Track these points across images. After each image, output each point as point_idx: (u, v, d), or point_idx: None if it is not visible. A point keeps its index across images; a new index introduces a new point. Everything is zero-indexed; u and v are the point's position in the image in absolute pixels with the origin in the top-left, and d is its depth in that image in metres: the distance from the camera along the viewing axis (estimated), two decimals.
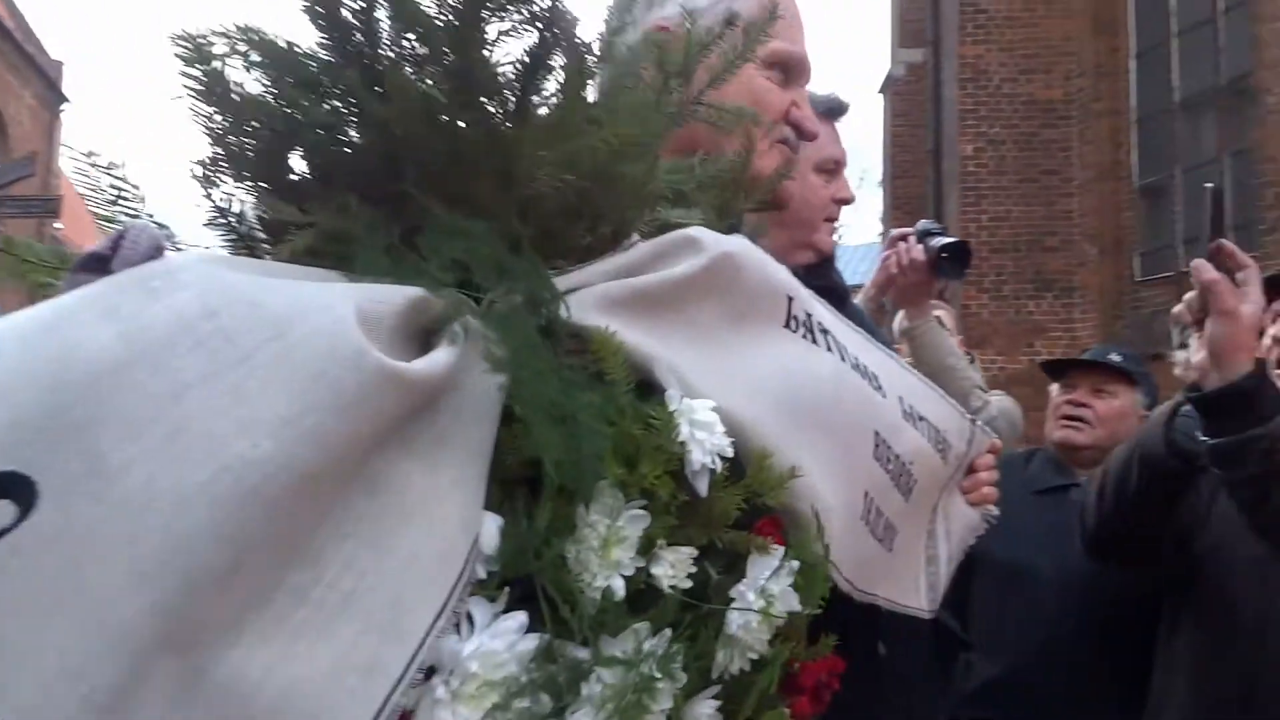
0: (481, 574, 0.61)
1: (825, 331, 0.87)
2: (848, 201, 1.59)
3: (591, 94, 0.72)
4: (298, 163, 0.67)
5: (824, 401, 0.83)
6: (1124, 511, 1.78)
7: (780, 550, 0.70)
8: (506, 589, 0.62)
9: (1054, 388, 2.65)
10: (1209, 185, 1.31)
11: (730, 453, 0.68)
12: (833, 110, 1.64)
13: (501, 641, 0.59)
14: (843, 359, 0.87)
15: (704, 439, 0.66)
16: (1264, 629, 1.71)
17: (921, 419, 0.98)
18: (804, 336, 0.85)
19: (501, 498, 0.64)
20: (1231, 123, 8.51)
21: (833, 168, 1.60)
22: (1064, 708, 2.07)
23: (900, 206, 12.64)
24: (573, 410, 0.60)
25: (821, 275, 1.56)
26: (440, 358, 0.60)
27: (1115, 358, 2.73)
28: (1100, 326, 9.31)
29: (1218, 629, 1.80)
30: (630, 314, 0.71)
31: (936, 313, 2.43)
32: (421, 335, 0.62)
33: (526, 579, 0.61)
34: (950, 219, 9.22)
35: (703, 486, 0.67)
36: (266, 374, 0.53)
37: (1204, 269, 1.25)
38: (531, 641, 0.60)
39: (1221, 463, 1.26)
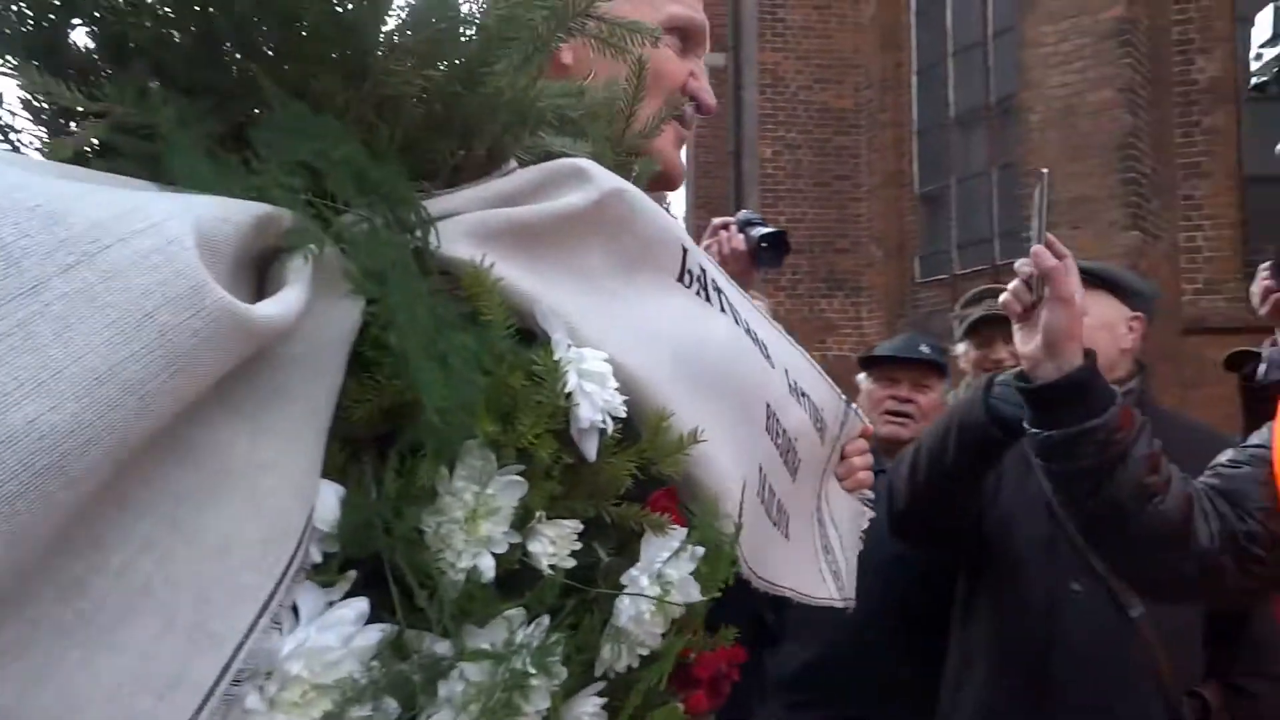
0: (317, 556, 0.49)
1: (719, 290, 0.79)
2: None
3: None
4: (84, 37, 0.52)
5: (721, 364, 0.75)
6: (937, 485, 1.81)
7: (680, 531, 0.61)
8: (351, 573, 0.50)
9: (862, 381, 2.72)
10: (1044, 170, 1.29)
11: (623, 412, 0.59)
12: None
13: (334, 635, 0.48)
14: (736, 322, 0.80)
15: (594, 392, 0.57)
16: (1053, 607, 1.78)
17: (804, 395, 0.93)
18: (698, 293, 0.77)
19: (345, 461, 0.52)
20: (1000, 138, 9.26)
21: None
22: (874, 689, 2.11)
23: (703, 205, 12.91)
24: (444, 351, 0.49)
25: None
26: (292, 298, 0.47)
27: (926, 350, 2.85)
28: (885, 324, 9.92)
29: (1010, 608, 1.86)
30: (508, 248, 0.60)
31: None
32: (257, 261, 0.49)
33: (374, 559, 0.50)
34: (742, 210, 9.53)
35: (591, 449, 0.57)
36: (67, 312, 0.39)
37: (1045, 256, 1.21)
38: (374, 634, 0.49)
39: (1053, 455, 1.22)
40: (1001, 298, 1.27)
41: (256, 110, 0.52)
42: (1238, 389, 1.99)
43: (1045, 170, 1.27)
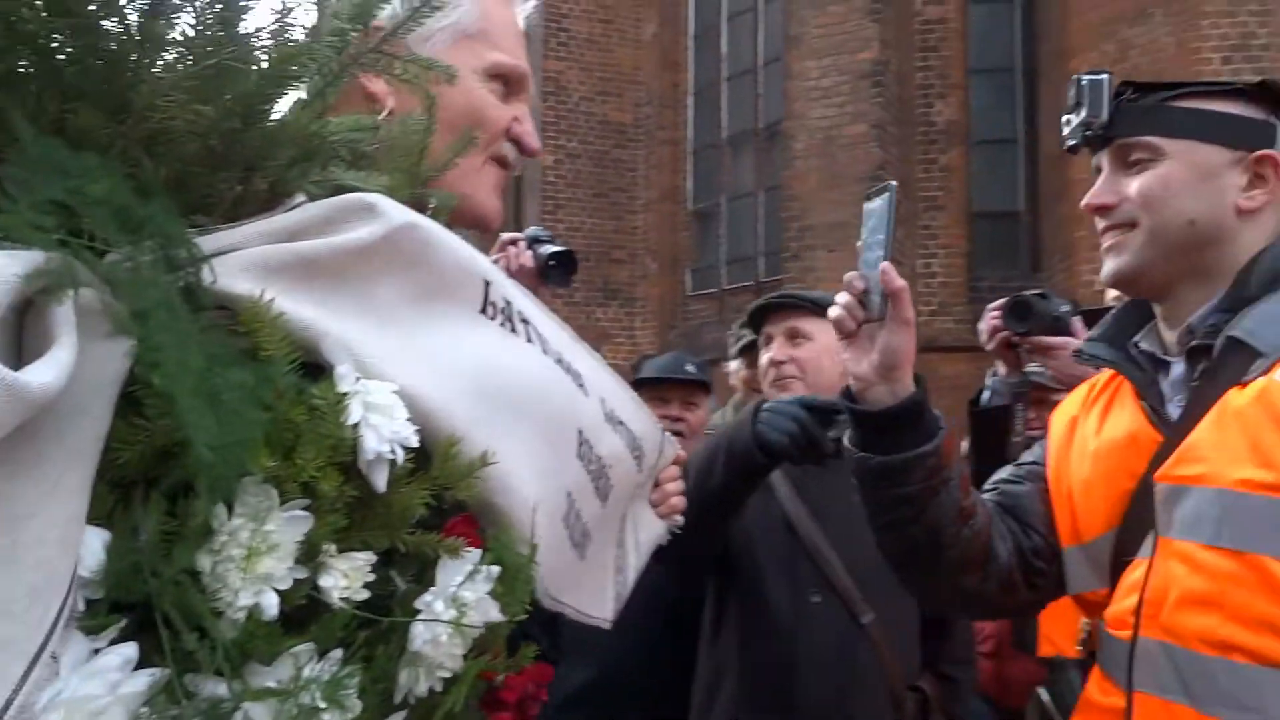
0: (81, 604, 0.48)
1: (526, 321, 0.80)
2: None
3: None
4: None
5: (527, 393, 0.76)
6: (703, 507, 1.87)
7: (475, 553, 0.63)
8: (119, 618, 0.49)
9: None
10: (893, 183, 1.23)
11: (414, 442, 0.60)
12: None
13: (98, 682, 0.47)
14: (545, 352, 0.81)
15: (380, 424, 0.58)
16: (795, 619, 1.91)
17: (621, 423, 0.94)
18: (502, 325, 0.77)
19: (114, 505, 0.50)
20: (767, 162, 9.83)
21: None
22: (647, 702, 2.17)
23: None
24: (217, 390, 0.49)
25: None
26: (64, 358, 0.45)
27: (692, 369, 2.96)
28: (657, 334, 10.26)
29: (756, 622, 1.95)
30: (292, 282, 0.60)
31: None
32: (18, 305, 0.47)
33: (148, 603, 0.49)
34: (531, 226, 9.57)
35: (380, 480, 0.58)
36: None
37: (892, 274, 1.14)
38: (142, 680, 0.48)
39: (883, 480, 1.18)
40: (833, 313, 1.20)
41: (7, 147, 0.49)
42: (967, 413, 2.16)
43: (894, 183, 1.22)
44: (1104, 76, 1.18)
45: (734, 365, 3.00)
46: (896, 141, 8.35)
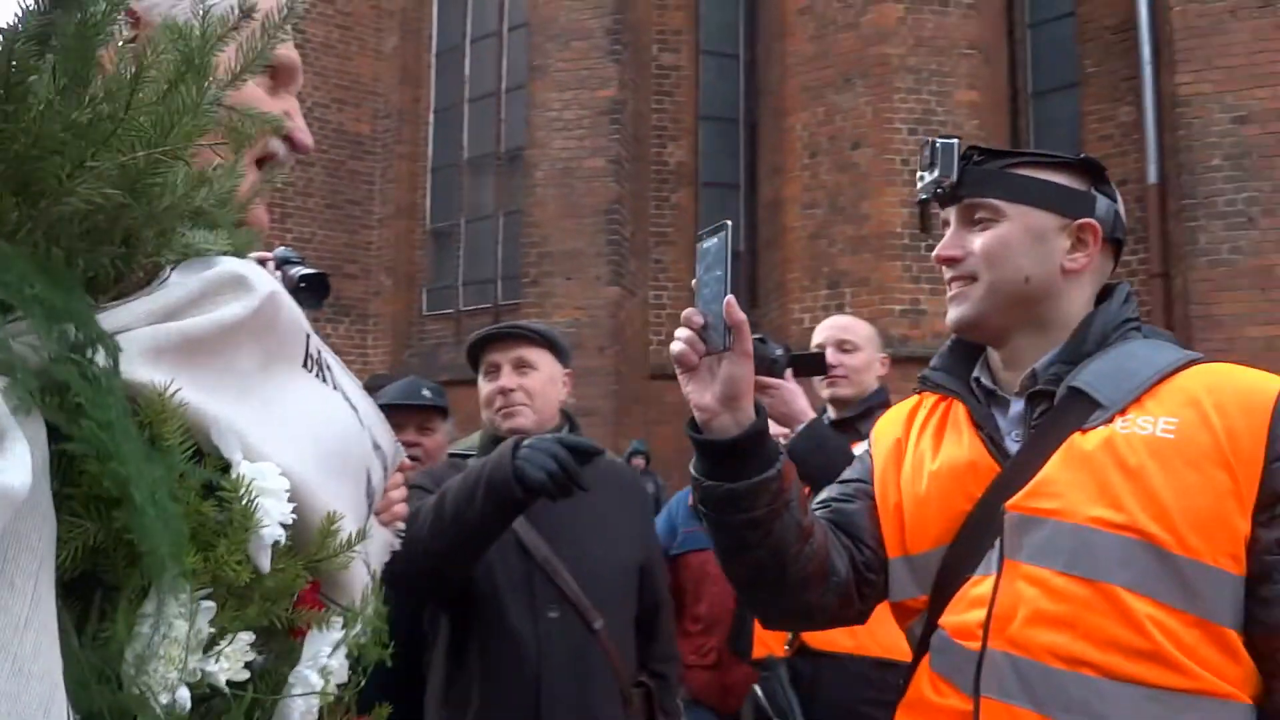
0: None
1: (327, 367, 0.81)
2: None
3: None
4: None
5: (342, 445, 0.78)
6: (461, 539, 1.91)
7: (339, 621, 0.66)
8: None
9: None
10: (728, 222, 1.20)
11: (291, 520, 0.62)
12: None
13: None
14: (345, 397, 0.82)
15: (272, 508, 0.60)
16: (537, 634, 2.02)
17: (379, 448, 0.94)
18: (317, 375, 0.78)
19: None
20: (507, 186, 9.94)
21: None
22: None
23: None
24: (151, 489, 0.50)
25: None
26: (22, 452, 0.46)
27: (428, 394, 2.97)
28: (391, 353, 10.02)
29: (500, 644, 2.04)
30: (177, 363, 0.60)
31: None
32: None
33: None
34: (280, 246, 9.06)
35: (265, 562, 0.59)
36: None
37: (736, 309, 1.16)
38: None
39: (730, 507, 1.21)
40: (675, 348, 1.20)
41: None
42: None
43: (728, 222, 1.20)
44: (954, 141, 1.29)
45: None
46: (632, 177, 8.77)
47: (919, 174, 1.32)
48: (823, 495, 1.42)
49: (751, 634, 2.79)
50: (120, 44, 0.64)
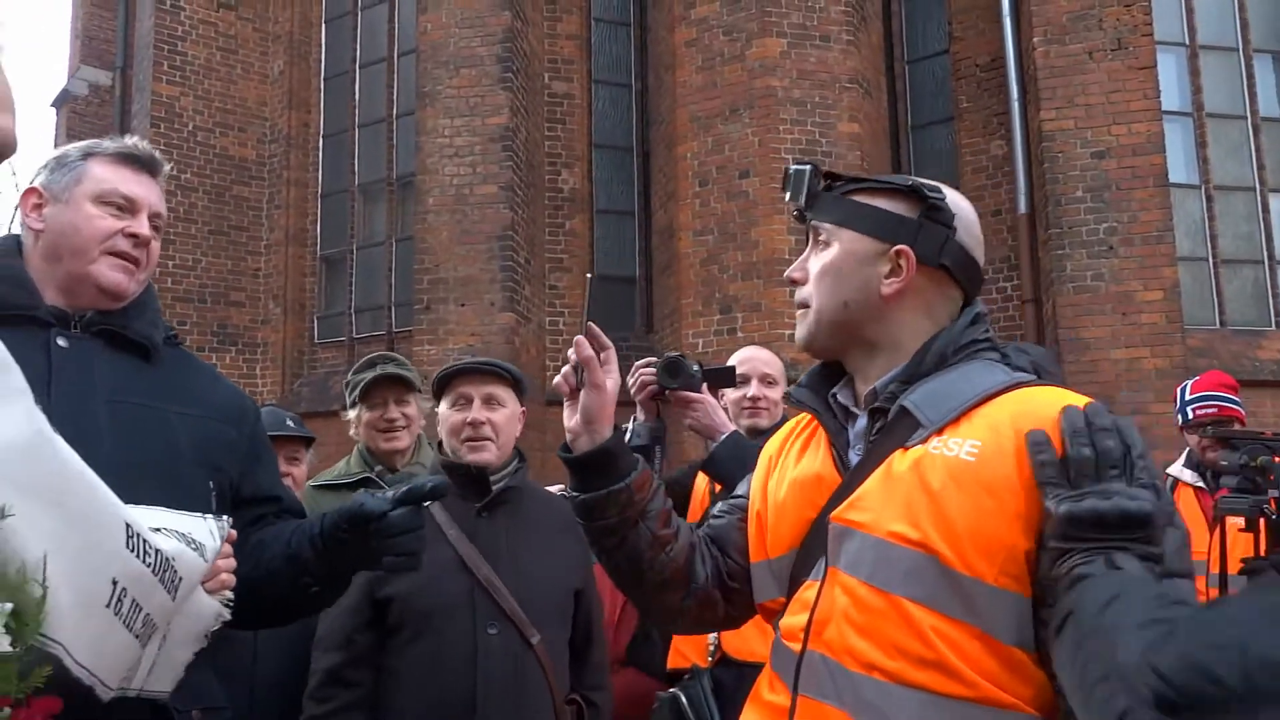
0: None
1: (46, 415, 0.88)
2: (138, 238, 1.51)
3: None
4: None
5: (44, 476, 0.85)
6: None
7: None
8: None
9: None
10: (590, 275, 1.53)
11: None
12: (140, 162, 1.56)
13: None
14: (57, 451, 0.89)
15: None
16: (476, 649, 2.14)
17: (159, 529, 1.04)
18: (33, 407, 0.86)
19: None
20: (399, 212, 9.83)
21: (122, 203, 1.51)
22: None
23: None
24: None
25: (119, 322, 1.49)
26: None
27: (292, 424, 3.02)
28: (281, 383, 9.75)
29: (434, 658, 2.15)
30: None
31: None
32: None
33: None
34: None
35: None
36: None
37: (584, 346, 1.35)
38: None
39: (588, 513, 1.37)
40: (555, 380, 1.41)
41: None
42: None
43: (590, 275, 1.54)
44: (806, 167, 1.38)
45: (354, 412, 3.08)
46: (525, 204, 8.78)
47: (784, 193, 1.41)
48: (710, 509, 1.56)
49: (653, 647, 2.87)
50: None
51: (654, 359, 2.42)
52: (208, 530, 1.15)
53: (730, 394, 2.81)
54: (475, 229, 8.42)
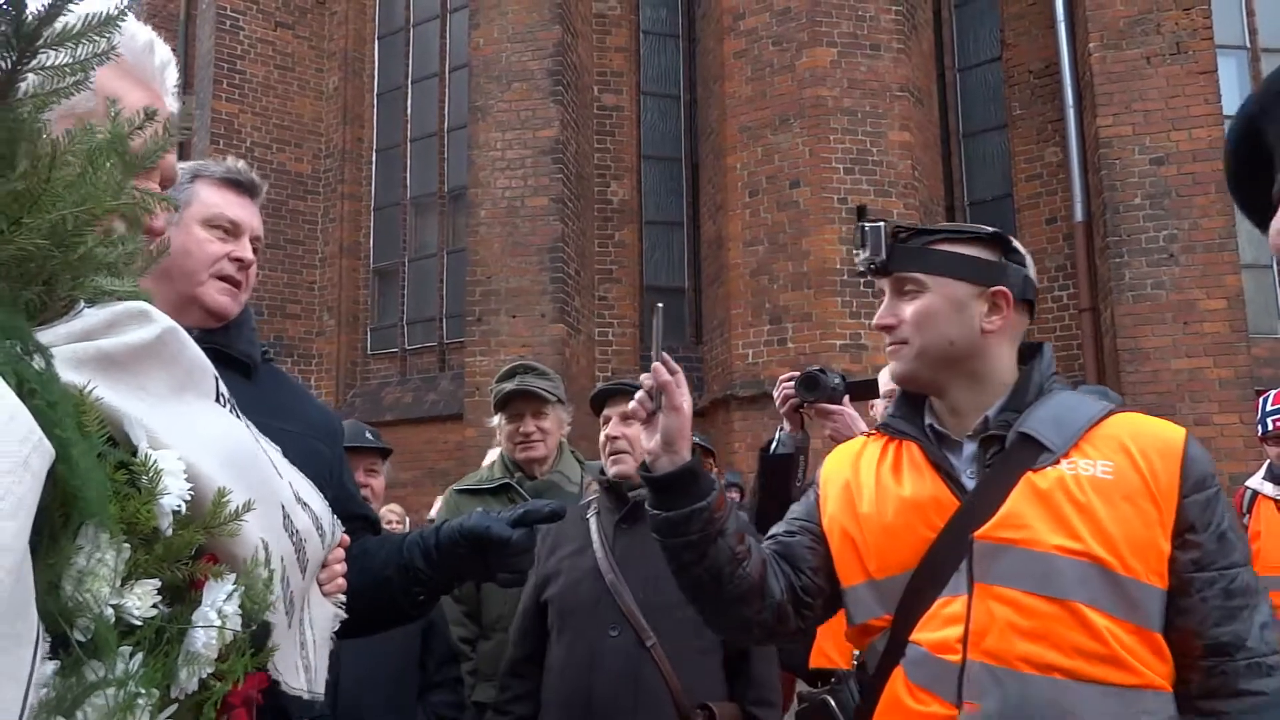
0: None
1: (240, 414, 0.95)
2: (243, 261, 1.54)
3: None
4: None
5: (253, 470, 0.91)
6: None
7: (233, 575, 0.77)
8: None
9: None
10: (660, 305, 1.51)
11: (189, 495, 0.74)
12: (243, 186, 1.60)
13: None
14: (256, 440, 0.96)
15: (171, 484, 0.72)
16: (595, 655, 2.30)
17: (305, 504, 1.07)
18: (230, 411, 0.92)
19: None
20: (450, 225, 9.98)
21: (228, 226, 1.54)
22: None
23: None
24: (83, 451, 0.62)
25: (222, 340, 1.51)
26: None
27: (371, 436, 3.07)
28: (335, 393, 9.92)
29: (568, 658, 2.38)
30: (94, 372, 0.73)
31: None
32: None
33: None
34: None
35: (165, 524, 0.71)
36: None
37: (661, 372, 1.44)
38: (49, 667, 0.60)
39: (669, 531, 1.45)
40: (630, 406, 1.49)
41: None
42: (759, 458, 2.61)
43: (661, 305, 1.52)
44: (881, 224, 1.51)
45: (496, 419, 3.14)
46: (575, 216, 8.86)
47: (855, 251, 1.54)
48: (772, 530, 1.65)
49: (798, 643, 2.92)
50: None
51: (795, 372, 2.53)
52: (333, 521, 1.18)
53: (879, 404, 2.86)
54: (526, 241, 8.51)
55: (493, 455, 3.27)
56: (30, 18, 0.72)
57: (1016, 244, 1.51)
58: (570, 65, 8.97)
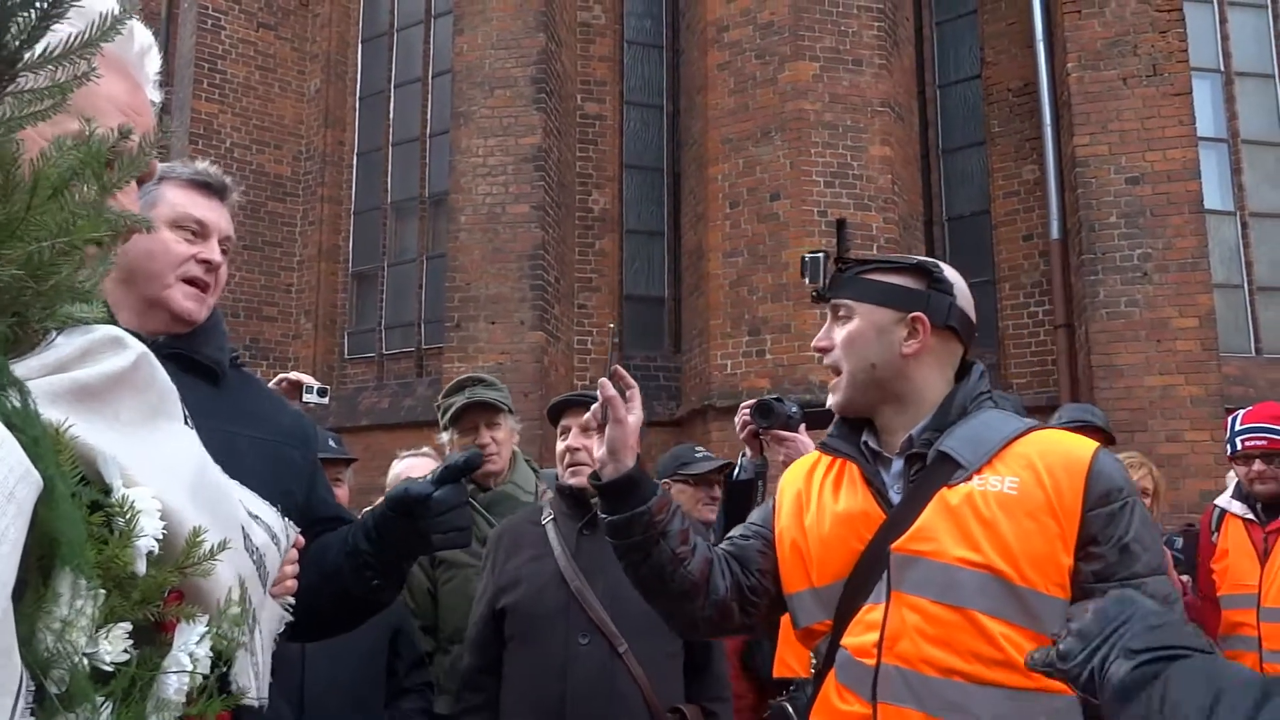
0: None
1: (194, 427, 0.95)
2: (210, 263, 1.51)
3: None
4: None
5: (216, 494, 0.91)
6: None
7: (205, 617, 0.77)
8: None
9: None
10: (611, 325, 1.70)
11: (161, 535, 0.73)
12: (211, 187, 1.57)
13: None
14: (204, 458, 0.95)
15: (146, 524, 0.71)
16: (567, 657, 2.32)
17: (257, 517, 1.07)
18: (191, 428, 0.93)
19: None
20: (431, 230, 9.93)
21: (195, 228, 1.52)
22: None
23: None
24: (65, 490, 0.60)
25: (188, 346, 1.48)
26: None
27: (334, 445, 3.05)
28: None
29: (534, 666, 2.38)
30: (69, 406, 0.71)
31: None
32: None
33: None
34: None
35: (141, 565, 0.70)
36: None
37: (607, 387, 1.55)
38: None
39: (616, 532, 1.57)
40: (585, 416, 1.59)
41: None
42: (723, 484, 2.78)
43: (612, 325, 1.91)
44: (820, 255, 1.67)
45: (445, 435, 3.11)
46: (556, 224, 8.85)
47: (804, 278, 1.69)
48: (731, 532, 1.77)
49: (767, 655, 2.97)
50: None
51: (752, 400, 2.60)
52: (283, 525, 1.18)
53: None
54: (506, 248, 8.49)
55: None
56: (10, 39, 0.71)
57: (946, 274, 1.60)
58: (553, 73, 8.97)
